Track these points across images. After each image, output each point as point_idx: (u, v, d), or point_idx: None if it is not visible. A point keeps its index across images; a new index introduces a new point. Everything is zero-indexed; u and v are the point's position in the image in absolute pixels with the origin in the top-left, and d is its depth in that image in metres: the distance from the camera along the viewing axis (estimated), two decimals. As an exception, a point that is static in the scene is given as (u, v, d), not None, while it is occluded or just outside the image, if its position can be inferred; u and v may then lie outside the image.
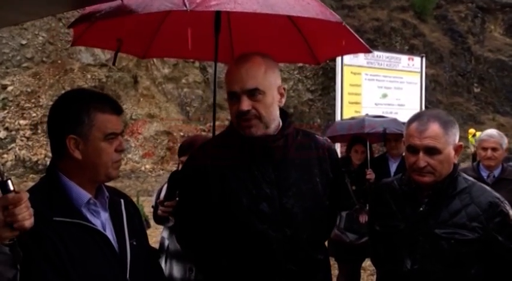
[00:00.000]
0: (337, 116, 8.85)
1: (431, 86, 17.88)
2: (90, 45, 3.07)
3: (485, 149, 3.83)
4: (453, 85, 20.65)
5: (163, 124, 15.80)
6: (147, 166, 14.57)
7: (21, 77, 14.81)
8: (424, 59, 10.02)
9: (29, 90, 14.60)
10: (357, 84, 9.13)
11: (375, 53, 9.46)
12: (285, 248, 1.85)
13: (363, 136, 4.96)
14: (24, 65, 15.07)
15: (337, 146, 7.05)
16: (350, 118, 6.22)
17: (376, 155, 5.43)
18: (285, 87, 2.01)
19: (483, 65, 21.48)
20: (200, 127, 16.16)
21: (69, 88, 12.15)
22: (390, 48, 17.77)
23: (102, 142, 1.57)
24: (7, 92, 14.47)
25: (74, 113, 1.54)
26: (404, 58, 9.81)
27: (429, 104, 14.08)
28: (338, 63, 8.81)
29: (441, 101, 19.15)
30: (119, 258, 1.59)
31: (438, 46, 20.52)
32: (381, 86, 9.39)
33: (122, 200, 1.73)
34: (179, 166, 2.96)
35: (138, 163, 14.50)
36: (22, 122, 14.08)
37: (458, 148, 1.98)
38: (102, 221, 1.61)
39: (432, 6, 21.36)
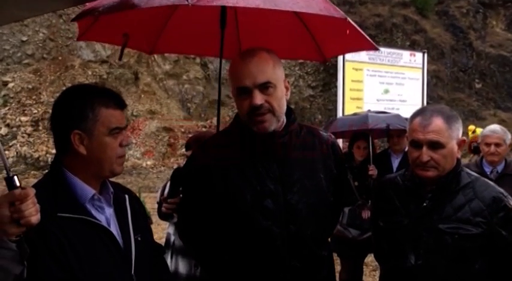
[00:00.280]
0: (338, 112, 8.81)
1: (432, 82, 17.83)
2: (96, 40, 3.07)
3: (488, 144, 3.83)
4: (454, 81, 20.60)
5: (164, 121, 15.81)
6: (148, 163, 14.59)
7: (22, 74, 14.82)
8: (426, 55, 9.97)
9: (30, 86, 14.62)
10: (359, 80, 9.08)
11: (377, 49, 9.37)
12: (289, 244, 1.84)
13: (366, 132, 4.96)
14: (25, 62, 15.09)
15: (339, 142, 7.03)
16: (352, 114, 6.19)
17: (377, 151, 5.41)
18: (288, 81, 2.00)
19: (485, 61, 21.40)
20: (201, 123, 16.17)
21: (70, 85, 12.12)
22: (391, 44, 17.72)
23: (106, 137, 1.57)
24: (8, 89, 14.49)
25: (78, 109, 1.54)
26: (406, 54, 9.76)
27: (430, 100, 14.05)
28: (340, 59, 8.76)
29: (442, 97, 19.11)
30: (124, 254, 1.59)
31: (439, 42, 20.46)
32: (383, 82, 9.34)
33: (127, 195, 1.73)
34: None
35: (140, 160, 14.52)
36: (23, 119, 14.10)
37: (461, 143, 1.98)
38: (106, 216, 1.61)
39: (434, 1, 21.27)
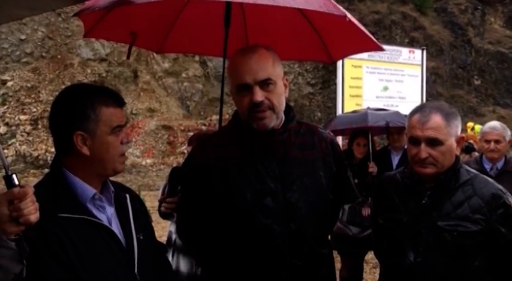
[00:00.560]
0: (338, 110, 8.79)
1: (431, 79, 17.82)
2: (102, 37, 3.05)
3: (488, 141, 3.82)
4: (453, 78, 20.60)
5: (163, 119, 15.79)
6: (148, 161, 14.58)
7: (21, 72, 14.79)
8: (425, 52, 9.96)
9: (29, 85, 14.59)
10: (358, 77, 9.06)
11: (376, 46, 9.35)
12: (290, 242, 1.84)
13: (366, 129, 4.95)
14: (23, 60, 15.05)
15: (338, 139, 7.03)
16: (352, 111, 6.18)
17: (377, 148, 5.41)
18: (287, 78, 2.00)
19: (483, 58, 21.40)
20: (200, 121, 16.14)
21: (69, 83, 12.11)
22: (390, 41, 17.68)
23: (109, 136, 1.57)
24: (7, 88, 14.46)
25: (79, 109, 1.53)
26: (405, 51, 9.74)
27: (430, 97, 14.02)
28: (339, 56, 8.74)
29: (442, 94, 19.11)
30: (126, 253, 1.59)
31: (438, 39, 20.44)
32: (382, 79, 9.33)
33: (128, 194, 1.73)
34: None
35: (139, 158, 14.51)
36: (22, 118, 14.08)
37: (460, 140, 1.97)
38: (108, 216, 1.61)
39: (432, -2, 21.28)
